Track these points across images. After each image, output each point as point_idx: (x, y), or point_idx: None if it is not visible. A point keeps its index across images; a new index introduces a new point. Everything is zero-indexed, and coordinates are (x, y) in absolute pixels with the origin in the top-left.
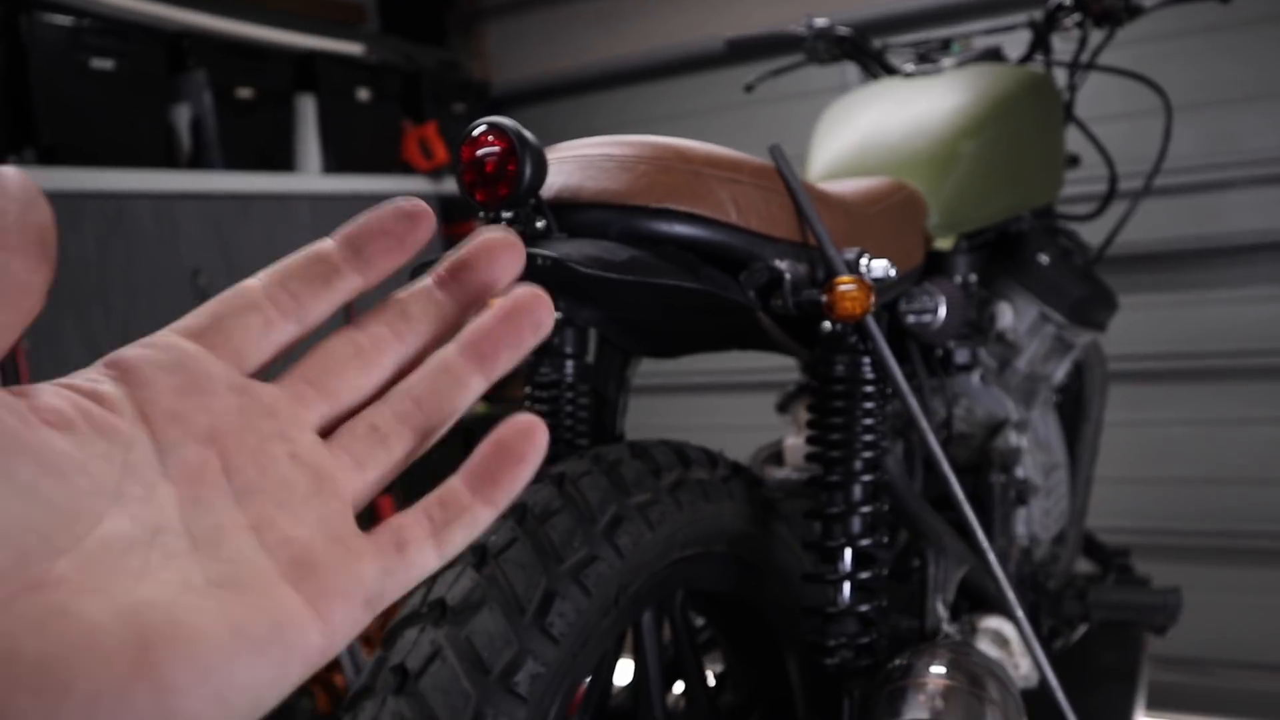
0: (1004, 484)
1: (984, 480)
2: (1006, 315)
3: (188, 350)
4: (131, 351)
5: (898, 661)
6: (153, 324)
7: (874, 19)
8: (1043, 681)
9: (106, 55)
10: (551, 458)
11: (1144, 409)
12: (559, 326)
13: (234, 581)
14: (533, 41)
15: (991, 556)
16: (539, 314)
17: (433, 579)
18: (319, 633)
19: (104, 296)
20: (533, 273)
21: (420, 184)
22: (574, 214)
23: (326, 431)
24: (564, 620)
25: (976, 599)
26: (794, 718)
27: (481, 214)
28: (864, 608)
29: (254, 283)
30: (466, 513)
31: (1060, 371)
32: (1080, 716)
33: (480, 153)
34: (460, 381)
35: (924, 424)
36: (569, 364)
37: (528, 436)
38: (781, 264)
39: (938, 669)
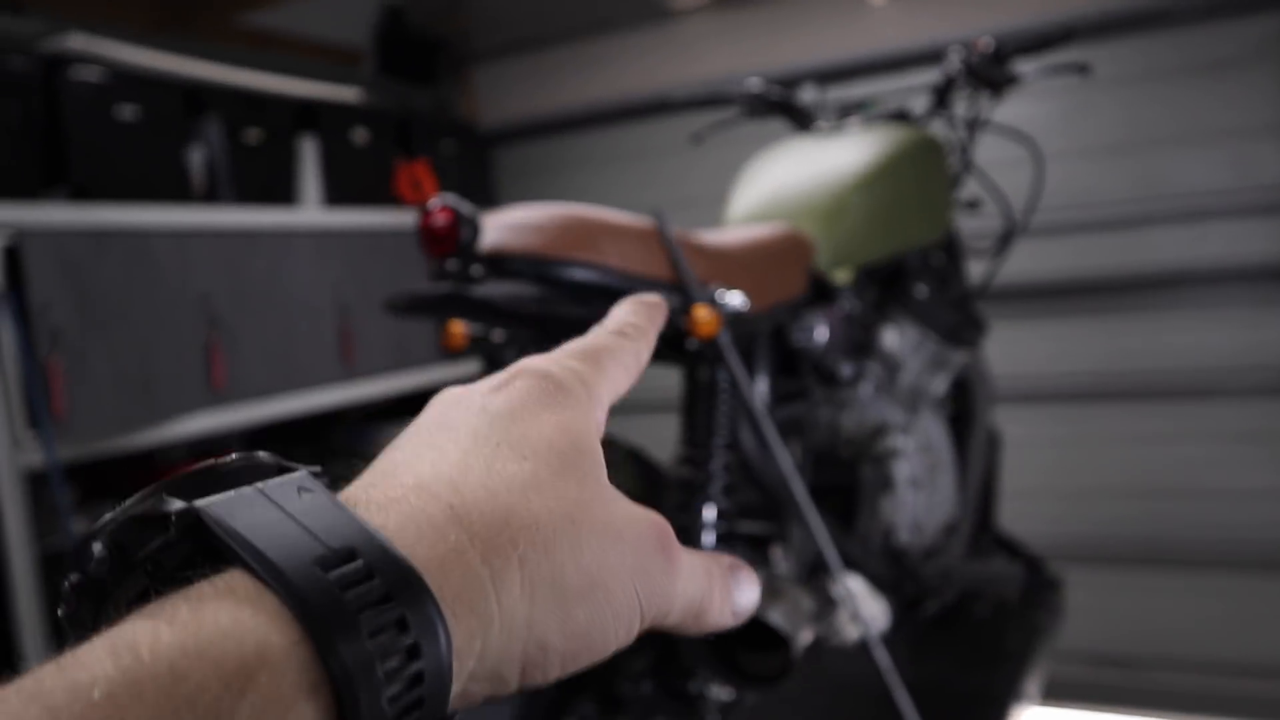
0: (873, 475)
1: (858, 472)
2: (892, 337)
3: None
4: None
5: None
6: (169, 344)
7: (822, 68)
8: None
9: (131, 104)
10: None
11: (1077, 425)
12: (502, 347)
13: None
14: (516, 84)
15: (814, 522)
16: None
17: None
18: None
19: (127, 319)
20: (469, 307)
21: (411, 216)
22: (504, 263)
23: None
24: None
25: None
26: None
27: (434, 263)
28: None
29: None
30: None
31: (940, 384)
32: (972, 690)
33: (433, 221)
34: None
35: (758, 415)
36: None
37: None
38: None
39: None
